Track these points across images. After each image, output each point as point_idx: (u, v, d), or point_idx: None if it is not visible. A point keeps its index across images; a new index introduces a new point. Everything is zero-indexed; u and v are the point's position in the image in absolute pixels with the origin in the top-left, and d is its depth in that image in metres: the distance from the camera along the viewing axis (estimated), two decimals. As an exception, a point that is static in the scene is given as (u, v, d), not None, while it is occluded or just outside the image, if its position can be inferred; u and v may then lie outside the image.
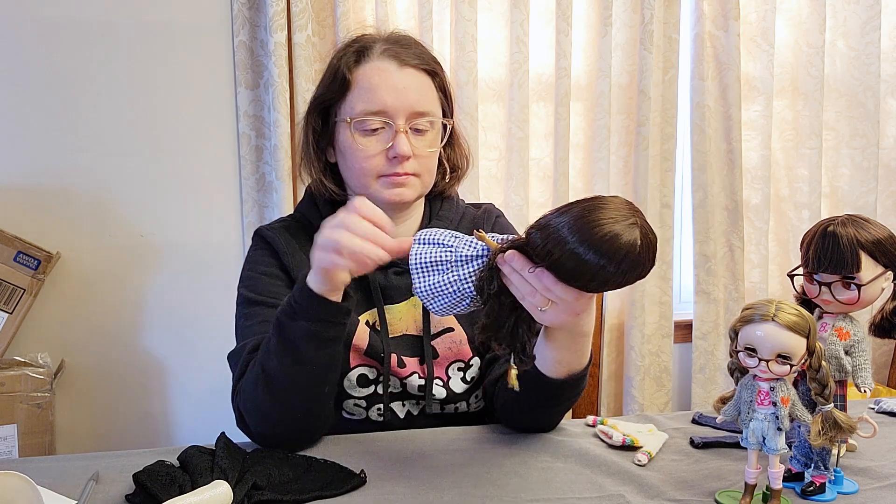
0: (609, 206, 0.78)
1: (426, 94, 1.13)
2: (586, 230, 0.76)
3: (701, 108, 2.23)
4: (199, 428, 2.11)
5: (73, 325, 2.00)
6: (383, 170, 1.11)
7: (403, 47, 1.13)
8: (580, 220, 0.77)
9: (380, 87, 1.09)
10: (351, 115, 1.11)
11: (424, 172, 1.14)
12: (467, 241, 0.88)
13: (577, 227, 0.77)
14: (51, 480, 0.93)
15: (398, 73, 1.10)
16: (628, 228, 0.76)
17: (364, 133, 1.10)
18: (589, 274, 0.78)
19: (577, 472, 0.96)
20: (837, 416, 0.83)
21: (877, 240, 0.91)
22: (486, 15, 2.13)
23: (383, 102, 1.09)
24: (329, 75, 1.15)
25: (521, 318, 0.87)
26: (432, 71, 1.15)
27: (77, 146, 1.97)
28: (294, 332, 0.94)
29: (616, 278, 0.78)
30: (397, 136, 1.09)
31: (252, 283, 1.14)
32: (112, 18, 1.95)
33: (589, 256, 0.76)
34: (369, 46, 1.13)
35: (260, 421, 1.01)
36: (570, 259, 0.78)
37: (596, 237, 0.76)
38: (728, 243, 2.31)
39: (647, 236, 0.78)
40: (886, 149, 2.42)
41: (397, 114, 1.09)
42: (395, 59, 1.11)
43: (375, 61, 1.11)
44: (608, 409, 2.36)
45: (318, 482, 0.92)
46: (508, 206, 2.14)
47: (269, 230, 1.19)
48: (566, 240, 0.77)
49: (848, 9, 2.32)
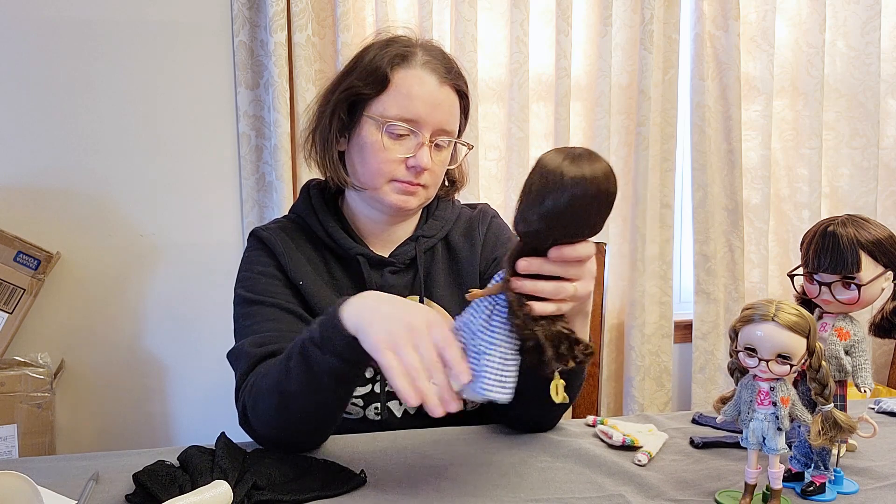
0: (547, 158, 0.80)
1: (454, 114, 1.15)
2: (550, 184, 0.78)
3: (701, 108, 2.23)
4: (199, 428, 2.11)
5: (73, 325, 2.00)
6: (399, 175, 1.12)
7: (443, 62, 1.14)
8: (540, 184, 0.79)
9: (418, 97, 1.10)
10: (384, 116, 1.11)
11: (432, 185, 1.16)
12: (477, 320, 0.86)
13: (540, 190, 0.79)
14: (51, 480, 0.93)
15: (437, 89, 1.12)
16: (567, 158, 0.79)
17: (391, 136, 1.11)
18: (577, 214, 0.79)
19: (577, 472, 0.96)
20: (837, 416, 0.83)
21: (877, 240, 0.91)
22: (486, 15, 2.13)
23: (417, 113, 1.10)
24: (365, 69, 1.13)
25: (561, 325, 0.85)
26: (464, 93, 1.17)
27: (77, 146, 1.97)
28: (320, 366, 0.92)
29: (596, 201, 0.79)
30: (422, 147, 1.11)
31: (249, 282, 1.14)
32: (112, 18, 1.96)
33: (563, 200, 0.78)
34: (412, 52, 1.13)
35: (268, 431, 1.01)
36: (557, 217, 0.79)
37: (557, 182, 0.78)
38: (728, 243, 2.31)
39: (577, 155, 0.80)
40: (886, 149, 2.42)
41: (426, 126, 1.11)
42: (435, 74, 1.12)
43: (418, 70, 1.12)
44: (608, 409, 2.36)
45: (318, 482, 0.92)
46: (508, 207, 2.14)
47: (265, 231, 1.19)
48: (543, 206, 0.79)
49: (848, 9, 2.32)
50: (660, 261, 2.27)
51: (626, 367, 2.30)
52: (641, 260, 2.23)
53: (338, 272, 1.17)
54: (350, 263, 1.18)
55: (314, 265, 1.17)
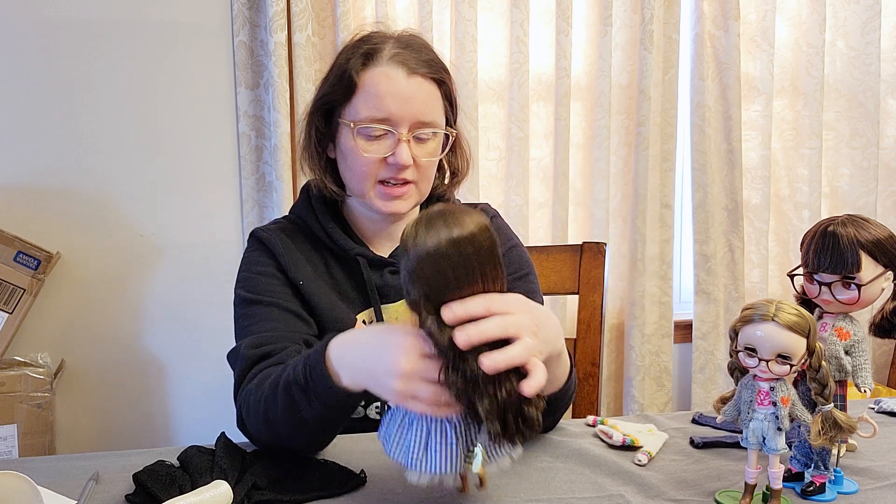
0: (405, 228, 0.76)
1: (432, 104, 1.12)
2: (405, 253, 0.74)
3: (701, 108, 2.23)
4: (199, 428, 2.11)
5: (73, 325, 2.00)
6: (382, 174, 1.10)
7: (413, 52, 1.11)
8: (402, 255, 0.75)
9: (386, 94, 1.07)
10: (355, 120, 1.09)
11: (422, 180, 1.13)
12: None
13: (402, 262, 0.75)
14: (51, 480, 0.93)
15: (405, 82, 1.08)
16: (418, 225, 0.74)
17: (367, 138, 1.09)
18: (437, 275, 0.73)
19: (577, 472, 0.96)
20: (837, 416, 0.83)
21: (877, 240, 0.91)
22: (486, 15, 2.13)
23: (388, 111, 1.08)
24: (335, 75, 1.12)
25: (507, 387, 0.75)
26: (440, 79, 1.13)
27: (77, 146, 1.97)
28: (307, 412, 0.90)
29: (447, 259, 0.73)
30: (399, 144, 1.08)
31: (249, 283, 1.14)
32: (112, 18, 1.95)
33: (411, 265, 0.73)
34: (378, 49, 1.10)
35: (261, 440, 1.01)
36: (421, 282, 0.73)
37: (407, 249, 0.74)
38: (728, 243, 2.31)
39: (428, 220, 0.74)
40: (886, 149, 2.42)
41: (401, 122, 1.08)
42: (403, 66, 1.09)
43: (384, 66, 1.09)
44: (608, 409, 2.36)
45: (318, 482, 0.92)
46: (508, 207, 2.14)
47: (264, 231, 1.19)
48: (406, 274, 0.75)
49: (848, 9, 2.32)
50: (660, 261, 2.27)
51: (626, 367, 2.30)
52: (641, 260, 2.23)
53: (337, 272, 1.17)
54: (350, 264, 1.17)
55: (314, 265, 1.17)
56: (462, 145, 1.22)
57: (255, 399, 0.97)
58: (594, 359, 1.55)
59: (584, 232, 2.25)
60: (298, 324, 1.10)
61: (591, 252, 1.56)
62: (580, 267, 1.57)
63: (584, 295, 1.56)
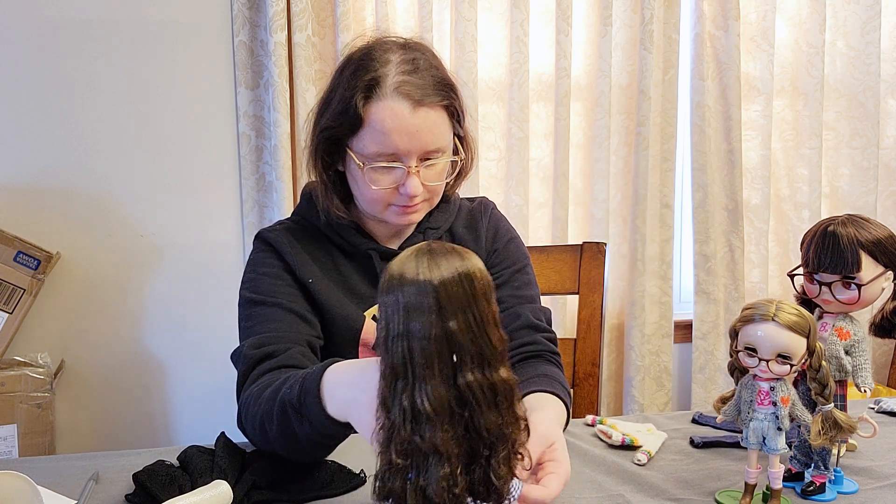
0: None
1: (439, 132, 1.10)
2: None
3: (701, 108, 2.23)
4: (199, 428, 2.11)
5: (73, 325, 2.00)
6: (394, 200, 1.11)
7: (418, 77, 1.08)
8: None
9: (392, 131, 1.06)
10: (363, 154, 1.08)
11: (434, 196, 1.15)
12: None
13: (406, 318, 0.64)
14: (51, 480, 0.93)
15: (411, 117, 1.06)
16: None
17: (376, 171, 1.08)
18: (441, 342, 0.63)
19: (577, 472, 0.96)
20: (837, 416, 0.83)
21: (877, 240, 0.91)
22: (486, 15, 2.13)
23: (396, 147, 1.06)
24: (339, 107, 1.09)
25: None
26: (448, 105, 1.11)
27: (77, 146, 1.97)
28: (300, 432, 0.90)
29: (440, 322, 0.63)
30: (409, 177, 1.08)
31: (254, 283, 1.15)
32: (112, 18, 1.95)
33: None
34: (381, 79, 1.06)
35: (259, 446, 1.02)
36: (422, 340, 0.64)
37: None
38: (728, 243, 2.31)
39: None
40: (886, 149, 2.41)
41: (409, 156, 1.07)
42: (408, 99, 1.06)
43: (388, 101, 1.06)
44: (608, 409, 2.36)
45: (318, 482, 0.92)
46: (508, 206, 2.14)
47: (270, 232, 1.20)
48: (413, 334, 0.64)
49: (848, 9, 2.32)
50: (660, 261, 2.27)
51: (626, 367, 2.30)
52: (641, 260, 2.23)
53: (346, 269, 1.18)
54: (359, 259, 1.18)
55: (321, 264, 1.17)
56: (469, 143, 1.22)
57: (254, 411, 0.97)
58: (594, 359, 1.55)
59: (584, 232, 2.25)
60: (302, 325, 1.10)
61: (591, 252, 1.56)
62: (580, 267, 1.57)
63: (584, 295, 1.56)
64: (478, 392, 0.64)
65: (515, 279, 1.22)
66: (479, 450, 0.65)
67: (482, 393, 0.64)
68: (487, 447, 0.65)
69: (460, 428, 0.64)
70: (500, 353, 0.66)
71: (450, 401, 0.63)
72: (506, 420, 0.65)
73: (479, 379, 0.64)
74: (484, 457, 0.65)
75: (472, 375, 0.64)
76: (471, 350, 0.64)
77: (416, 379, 0.63)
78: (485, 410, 0.64)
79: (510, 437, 0.66)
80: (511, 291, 1.21)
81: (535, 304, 1.22)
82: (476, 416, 0.64)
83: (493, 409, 0.65)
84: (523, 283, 1.23)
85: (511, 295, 1.20)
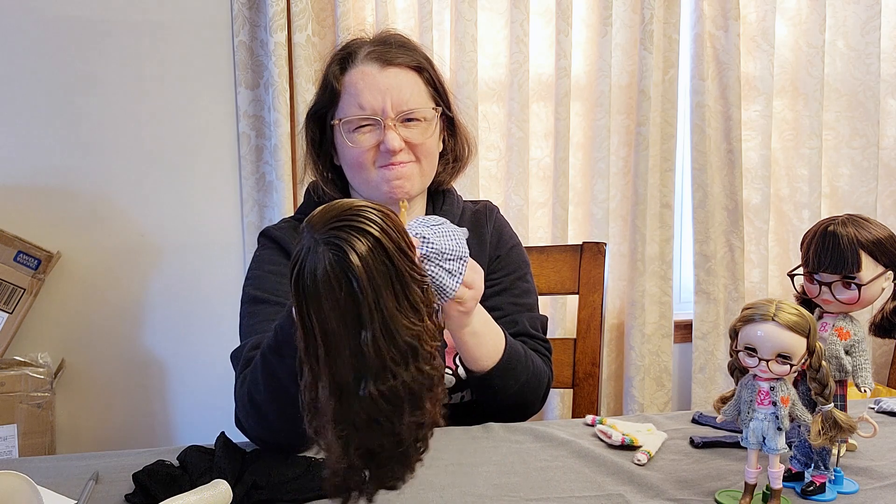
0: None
1: (412, 91, 1.15)
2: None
3: (701, 108, 2.23)
4: (199, 428, 2.11)
5: (73, 325, 2.00)
6: (380, 160, 1.14)
7: (388, 46, 1.16)
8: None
9: (364, 90, 1.13)
10: (344, 121, 1.15)
11: (424, 157, 1.16)
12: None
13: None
14: (51, 480, 0.93)
15: (381, 75, 1.13)
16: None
17: (354, 132, 1.14)
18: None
19: (577, 472, 0.96)
20: (837, 415, 0.83)
21: (877, 239, 0.91)
22: (486, 15, 2.13)
23: (369, 104, 1.13)
24: (320, 88, 1.20)
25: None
26: (418, 67, 1.17)
27: (77, 146, 1.97)
28: (280, 371, 0.90)
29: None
30: (386, 131, 1.12)
31: (258, 281, 1.15)
32: (112, 18, 1.95)
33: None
34: (354, 52, 1.16)
35: (256, 435, 1.01)
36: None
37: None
38: (728, 243, 2.31)
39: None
40: (886, 149, 2.41)
41: (383, 112, 1.13)
42: (377, 61, 1.14)
43: (359, 66, 1.15)
44: (608, 409, 2.36)
45: (318, 482, 0.92)
46: (508, 206, 2.14)
47: (276, 230, 1.21)
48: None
49: (848, 9, 2.32)
50: (660, 261, 2.27)
51: (626, 367, 2.30)
52: (641, 260, 2.23)
53: None
54: None
55: None
56: (461, 131, 1.25)
57: (242, 393, 0.99)
58: (594, 359, 1.55)
59: (584, 232, 2.26)
60: None
61: (591, 252, 1.56)
62: (580, 267, 1.57)
63: (584, 295, 1.56)
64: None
65: (516, 286, 1.25)
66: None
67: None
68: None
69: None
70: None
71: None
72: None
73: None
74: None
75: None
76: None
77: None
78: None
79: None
80: (511, 299, 1.23)
81: (533, 313, 1.25)
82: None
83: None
84: (523, 290, 1.25)
85: (511, 302, 1.22)
